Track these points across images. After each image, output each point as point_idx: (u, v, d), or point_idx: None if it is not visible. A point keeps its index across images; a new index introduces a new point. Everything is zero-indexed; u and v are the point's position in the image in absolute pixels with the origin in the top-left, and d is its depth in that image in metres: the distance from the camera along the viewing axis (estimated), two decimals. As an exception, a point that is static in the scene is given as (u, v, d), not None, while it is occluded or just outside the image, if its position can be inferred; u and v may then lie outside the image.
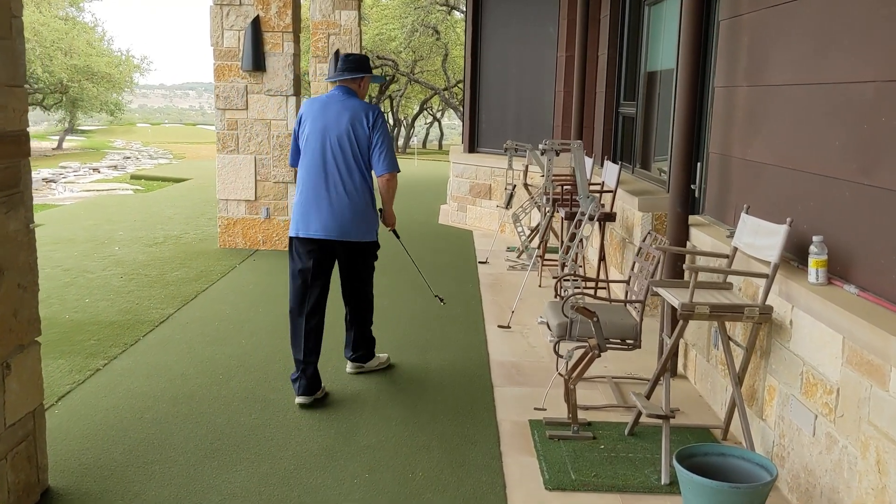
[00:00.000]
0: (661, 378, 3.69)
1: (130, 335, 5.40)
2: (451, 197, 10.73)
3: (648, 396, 3.76)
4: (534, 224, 8.52)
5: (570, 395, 3.89)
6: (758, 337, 3.59)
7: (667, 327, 3.92)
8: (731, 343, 3.69)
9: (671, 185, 4.69)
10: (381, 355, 4.92)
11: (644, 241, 4.58)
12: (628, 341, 4.29)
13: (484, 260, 8.06)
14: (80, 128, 51.79)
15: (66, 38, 28.17)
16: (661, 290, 3.74)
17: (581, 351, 4.00)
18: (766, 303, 3.43)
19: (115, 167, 25.54)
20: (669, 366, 3.75)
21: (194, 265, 7.60)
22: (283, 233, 8.44)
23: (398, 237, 4.90)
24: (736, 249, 3.82)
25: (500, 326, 5.73)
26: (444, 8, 26.14)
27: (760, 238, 3.59)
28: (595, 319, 3.83)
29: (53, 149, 36.10)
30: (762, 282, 3.52)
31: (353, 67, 4.41)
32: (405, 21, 25.90)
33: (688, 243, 4.70)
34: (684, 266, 3.42)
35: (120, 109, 39.05)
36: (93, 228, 9.81)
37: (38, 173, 20.92)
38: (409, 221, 10.69)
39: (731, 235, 4.27)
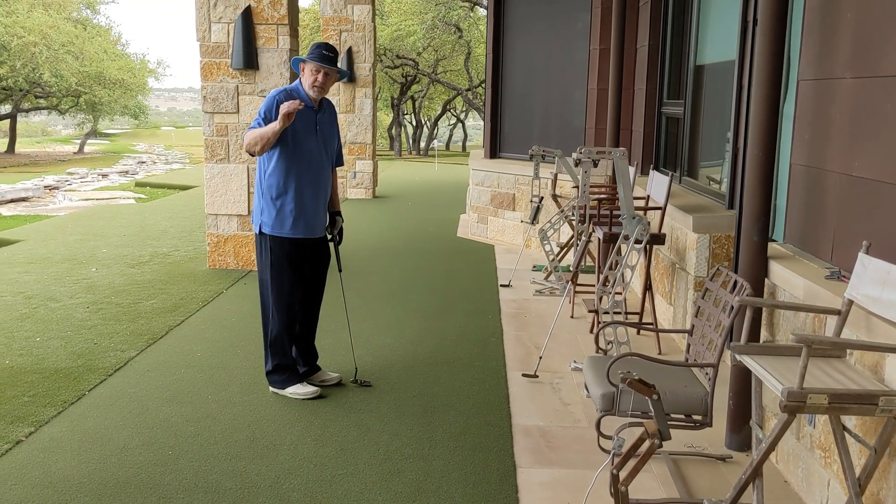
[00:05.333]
0: (752, 484, 2.65)
1: (74, 389, 4.44)
2: (470, 207, 9.70)
3: (731, 508, 2.71)
4: (563, 240, 7.47)
5: (620, 500, 2.86)
6: (893, 434, 2.53)
7: (756, 410, 2.87)
8: (847, 434, 2.65)
9: (744, 207, 3.64)
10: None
11: (712, 279, 3.53)
12: (695, 417, 3.26)
13: (507, 283, 7.02)
14: (104, 131, 51.35)
15: (76, 41, 27.31)
16: (749, 362, 2.69)
17: (632, 432, 2.99)
18: (911, 389, 2.38)
19: (126, 173, 24.71)
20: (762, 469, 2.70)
21: (175, 291, 6.64)
22: (279, 251, 7.45)
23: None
24: (851, 303, 2.77)
25: (525, 375, 4.70)
26: (467, 4, 25.02)
27: (891, 291, 2.54)
28: (655, 397, 2.80)
29: (75, 153, 35.53)
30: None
31: None
32: (424, 17, 24.82)
33: (766, 281, 3.65)
34: (792, 335, 2.36)
35: (144, 113, 38.45)
36: (75, 245, 8.89)
37: (42, 180, 20.04)
38: (424, 234, 9.70)
39: (835, 277, 3.21)
